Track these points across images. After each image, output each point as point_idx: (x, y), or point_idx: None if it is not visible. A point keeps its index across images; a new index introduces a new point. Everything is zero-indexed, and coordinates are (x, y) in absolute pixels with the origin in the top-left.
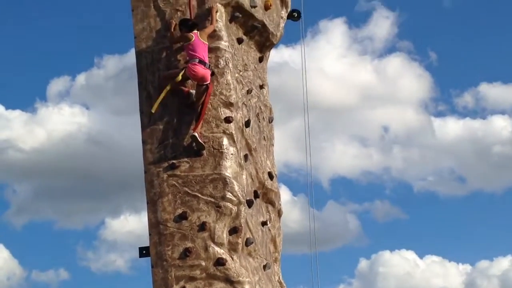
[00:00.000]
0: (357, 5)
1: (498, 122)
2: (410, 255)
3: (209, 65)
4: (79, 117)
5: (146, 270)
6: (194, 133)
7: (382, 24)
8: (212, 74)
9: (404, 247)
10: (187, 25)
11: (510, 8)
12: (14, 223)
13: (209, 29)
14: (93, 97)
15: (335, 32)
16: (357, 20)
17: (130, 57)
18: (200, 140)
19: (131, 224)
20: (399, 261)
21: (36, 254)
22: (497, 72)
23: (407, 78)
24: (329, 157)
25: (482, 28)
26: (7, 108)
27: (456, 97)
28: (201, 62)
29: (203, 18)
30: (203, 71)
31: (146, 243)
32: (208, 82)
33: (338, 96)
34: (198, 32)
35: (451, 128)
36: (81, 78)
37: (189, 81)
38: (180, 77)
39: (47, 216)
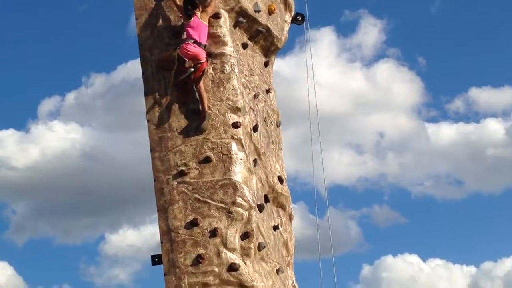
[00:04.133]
0: (343, 15)
1: (491, 125)
2: (414, 259)
3: (205, 46)
4: (73, 133)
5: (150, 282)
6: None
7: (370, 32)
8: (209, 55)
9: (407, 251)
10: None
11: (495, 12)
12: (16, 241)
13: (210, 9)
14: (83, 115)
15: (324, 41)
16: (345, 29)
17: (117, 75)
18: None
19: (131, 238)
20: (403, 266)
21: (39, 270)
22: (486, 76)
23: (398, 84)
24: (325, 165)
25: (469, 33)
26: (0, 128)
27: (447, 103)
28: (196, 42)
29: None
30: (196, 50)
31: (147, 256)
32: (202, 60)
33: (331, 104)
34: (200, 13)
35: (445, 132)
36: (70, 97)
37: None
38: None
39: (46, 233)
